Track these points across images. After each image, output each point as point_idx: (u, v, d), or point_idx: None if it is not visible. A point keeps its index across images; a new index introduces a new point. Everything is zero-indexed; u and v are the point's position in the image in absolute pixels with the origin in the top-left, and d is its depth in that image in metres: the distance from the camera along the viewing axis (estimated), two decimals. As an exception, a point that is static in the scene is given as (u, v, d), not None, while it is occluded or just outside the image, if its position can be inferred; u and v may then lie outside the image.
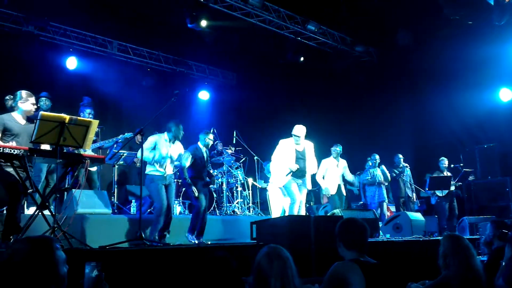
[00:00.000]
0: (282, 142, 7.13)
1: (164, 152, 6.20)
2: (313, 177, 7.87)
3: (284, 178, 6.93)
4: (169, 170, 6.35)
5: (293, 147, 7.01)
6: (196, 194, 6.54)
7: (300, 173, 6.98)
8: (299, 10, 10.26)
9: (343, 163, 8.70)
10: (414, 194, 9.91)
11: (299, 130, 7.09)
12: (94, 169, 6.91)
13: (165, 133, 6.34)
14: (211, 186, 6.82)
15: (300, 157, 7.01)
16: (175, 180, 8.53)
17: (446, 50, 10.21)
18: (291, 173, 6.89)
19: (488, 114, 10.43)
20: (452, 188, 9.18)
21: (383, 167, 9.51)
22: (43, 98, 6.68)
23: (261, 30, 10.05)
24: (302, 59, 11.24)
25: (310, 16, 10.37)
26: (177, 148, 6.46)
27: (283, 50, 10.99)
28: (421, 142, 11.48)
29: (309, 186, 7.32)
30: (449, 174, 9.47)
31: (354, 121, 11.96)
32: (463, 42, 9.74)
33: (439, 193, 9.26)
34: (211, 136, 6.88)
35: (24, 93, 4.88)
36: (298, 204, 6.87)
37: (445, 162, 9.53)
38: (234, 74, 13.19)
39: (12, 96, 4.92)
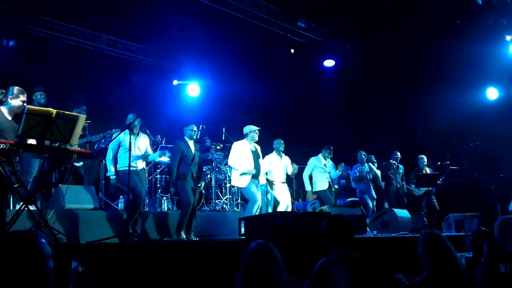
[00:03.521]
0: (238, 145, 7.07)
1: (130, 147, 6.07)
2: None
3: (244, 180, 6.84)
4: (140, 164, 6.27)
5: (248, 148, 7.01)
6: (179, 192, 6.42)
7: (257, 173, 7.00)
8: (289, 7, 10.24)
9: (329, 162, 8.72)
10: (403, 192, 9.96)
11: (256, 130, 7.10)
12: (80, 164, 6.84)
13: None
14: (198, 185, 6.68)
15: (256, 157, 7.05)
16: (164, 176, 8.51)
17: (434, 48, 10.29)
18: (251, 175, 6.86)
19: (475, 112, 10.54)
20: (433, 186, 9.25)
21: (371, 164, 9.54)
22: (40, 92, 6.48)
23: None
24: (292, 51, 11.24)
25: (299, 13, 10.36)
26: (144, 141, 6.39)
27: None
28: (408, 140, 11.56)
29: (262, 182, 7.22)
30: (428, 171, 9.52)
31: (342, 119, 12.00)
32: (451, 41, 9.82)
33: (416, 191, 9.34)
34: (194, 127, 6.69)
35: (16, 89, 4.71)
36: (259, 203, 6.82)
37: (424, 160, 9.59)
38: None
39: (3, 91, 4.75)
